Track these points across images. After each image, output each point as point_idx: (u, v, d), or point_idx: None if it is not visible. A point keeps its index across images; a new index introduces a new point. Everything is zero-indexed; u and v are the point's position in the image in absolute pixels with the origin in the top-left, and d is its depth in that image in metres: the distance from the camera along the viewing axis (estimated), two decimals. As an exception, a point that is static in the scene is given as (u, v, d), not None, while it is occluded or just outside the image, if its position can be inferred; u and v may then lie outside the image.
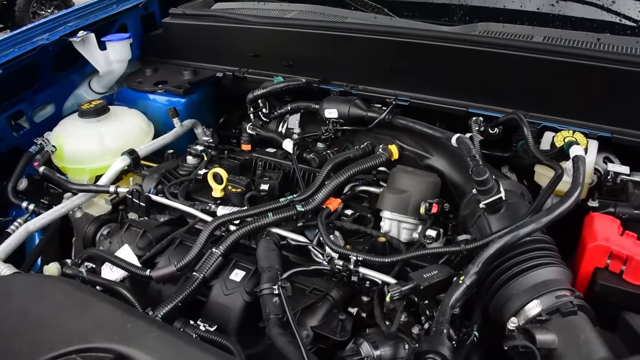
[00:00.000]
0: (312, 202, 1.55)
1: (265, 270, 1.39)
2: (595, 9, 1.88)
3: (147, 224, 1.68)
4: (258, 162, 1.92)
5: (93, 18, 2.25)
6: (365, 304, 1.42)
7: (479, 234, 1.44)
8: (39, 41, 2.07)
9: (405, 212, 1.54)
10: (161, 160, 2.09)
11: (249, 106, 1.99)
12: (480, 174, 1.36)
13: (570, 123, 1.72)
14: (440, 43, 1.80)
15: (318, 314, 1.34)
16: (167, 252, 1.56)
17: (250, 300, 1.40)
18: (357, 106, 1.79)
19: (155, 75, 2.33)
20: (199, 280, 1.42)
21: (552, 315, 1.23)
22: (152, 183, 1.87)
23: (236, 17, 2.13)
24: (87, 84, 2.38)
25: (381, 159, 1.64)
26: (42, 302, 1.20)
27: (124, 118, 2.11)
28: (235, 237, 1.49)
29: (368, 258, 1.41)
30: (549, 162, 1.52)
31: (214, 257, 1.45)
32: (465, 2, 2.01)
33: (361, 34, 1.92)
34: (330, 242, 1.46)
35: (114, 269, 1.57)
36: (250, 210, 1.55)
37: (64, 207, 1.85)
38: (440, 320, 1.20)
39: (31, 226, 1.77)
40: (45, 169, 1.92)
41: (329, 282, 1.45)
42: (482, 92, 1.80)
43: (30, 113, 2.19)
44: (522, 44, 1.74)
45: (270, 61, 2.13)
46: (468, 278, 1.27)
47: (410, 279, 1.33)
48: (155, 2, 2.47)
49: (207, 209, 1.70)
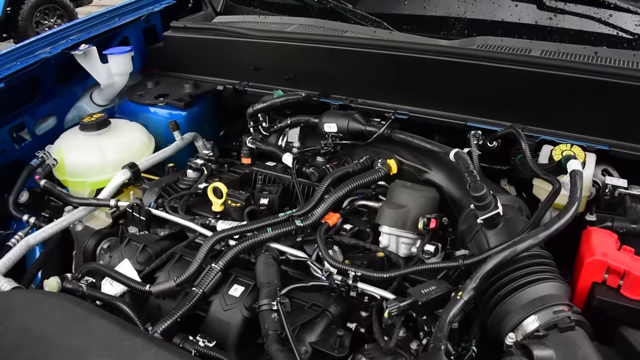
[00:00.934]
0: (311, 217, 1.56)
1: (264, 285, 1.40)
2: (592, 22, 1.88)
3: (147, 239, 1.69)
4: (258, 176, 1.92)
5: (95, 31, 2.26)
6: (364, 319, 1.43)
7: (477, 249, 1.44)
8: (41, 54, 2.09)
9: (403, 227, 1.55)
10: (162, 174, 2.11)
11: (249, 120, 2.00)
12: (477, 189, 1.36)
13: (568, 136, 1.72)
14: (438, 57, 1.81)
15: (317, 329, 1.35)
16: (166, 267, 1.57)
17: (249, 315, 1.40)
18: (356, 120, 1.80)
19: (157, 88, 2.35)
20: (199, 295, 1.42)
21: (550, 330, 1.23)
22: (153, 197, 1.88)
23: (237, 30, 2.15)
24: (88, 97, 2.40)
25: (380, 173, 1.65)
26: (42, 318, 1.21)
27: (125, 131, 2.12)
28: (234, 252, 1.50)
29: (366, 273, 1.42)
30: (546, 177, 1.52)
31: (213, 273, 1.46)
32: (464, 15, 2.02)
33: (360, 47, 1.93)
34: (328, 258, 1.47)
35: (114, 284, 1.58)
36: (249, 225, 1.56)
37: (64, 221, 1.86)
38: (438, 337, 1.20)
39: (32, 240, 1.78)
40: (46, 182, 1.93)
41: (328, 297, 1.46)
42: (481, 106, 1.81)
43: (32, 125, 2.21)
44: (521, 57, 1.75)
45: (270, 75, 2.14)
46: (466, 294, 1.27)
47: (409, 295, 1.33)
48: (157, 15, 2.49)
49: (207, 223, 1.70)
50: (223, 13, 2.55)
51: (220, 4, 2.56)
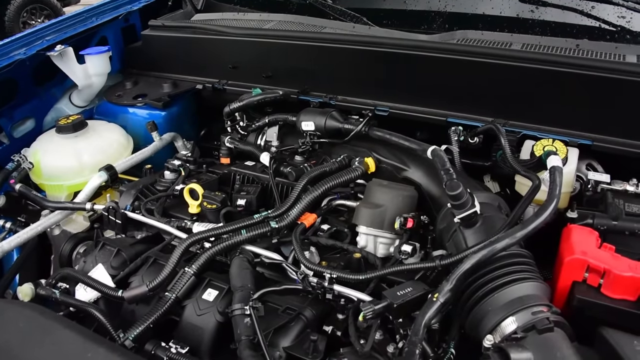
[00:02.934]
0: (287, 218, 1.53)
1: (237, 289, 1.37)
2: (574, 14, 1.85)
3: (122, 242, 1.66)
4: (236, 176, 1.89)
5: (72, 31, 2.22)
6: (340, 322, 1.40)
7: (455, 248, 1.41)
8: (15, 56, 2.05)
9: (381, 226, 1.51)
10: (141, 175, 2.07)
11: (226, 119, 1.96)
12: (453, 188, 1.33)
13: (550, 131, 1.69)
14: (418, 52, 1.78)
15: (291, 334, 1.31)
16: (140, 272, 1.54)
17: (222, 320, 1.37)
18: (334, 118, 1.76)
19: (135, 88, 2.31)
20: (171, 300, 1.39)
21: (528, 332, 1.20)
22: (129, 199, 1.84)
23: (215, 28, 2.11)
24: (67, 98, 2.36)
25: (357, 172, 1.61)
26: (6, 328, 1.18)
27: (102, 133, 2.09)
28: (208, 255, 1.46)
29: (342, 275, 1.39)
30: (526, 173, 1.49)
31: (187, 277, 1.43)
32: (444, 9, 1.99)
33: (339, 44, 1.90)
34: (304, 259, 1.44)
35: (88, 290, 1.55)
36: (223, 227, 1.53)
37: (40, 225, 1.82)
38: (413, 341, 1.18)
39: (6, 245, 1.75)
40: (22, 186, 1.90)
41: (304, 300, 1.42)
42: (461, 101, 1.78)
43: (9, 128, 2.17)
44: (501, 51, 1.71)
45: (249, 73, 2.11)
46: (442, 295, 1.24)
47: (384, 297, 1.30)
48: (136, 13, 2.45)
49: (182, 225, 1.67)
50: (203, 10, 2.50)
51: (201, 1, 2.52)
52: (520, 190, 1.69)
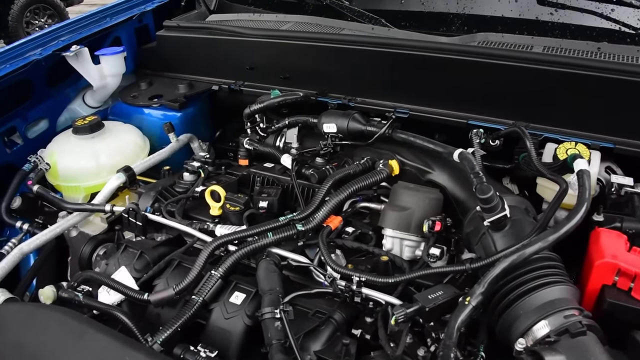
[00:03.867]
0: (313, 220, 1.52)
1: (266, 293, 1.36)
2: (594, 17, 1.85)
3: (144, 245, 1.65)
4: (256, 178, 1.88)
5: (86, 32, 2.21)
6: (368, 325, 1.39)
7: (484, 252, 1.41)
8: (31, 56, 2.04)
9: (407, 229, 1.51)
10: (158, 176, 2.06)
11: (246, 121, 1.95)
12: (484, 191, 1.33)
13: (572, 134, 1.69)
14: (439, 54, 1.77)
15: (321, 337, 1.31)
16: (165, 275, 1.53)
17: (251, 324, 1.37)
18: (356, 120, 1.76)
19: (150, 89, 2.30)
20: (199, 304, 1.38)
21: (561, 336, 1.20)
22: (149, 201, 1.83)
23: (232, 29, 2.10)
24: (81, 99, 2.35)
25: (382, 174, 1.61)
26: (38, 333, 1.17)
27: (119, 134, 2.07)
28: (234, 258, 1.46)
29: (371, 278, 1.39)
30: (553, 177, 1.49)
31: (213, 280, 1.42)
32: (463, 11, 1.99)
33: (359, 45, 1.89)
34: (332, 263, 1.43)
35: (111, 292, 1.54)
36: (249, 230, 1.52)
37: (58, 227, 1.81)
38: (447, 344, 1.17)
39: (25, 247, 1.73)
40: (39, 187, 1.88)
41: (332, 303, 1.42)
42: (483, 104, 1.78)
43: (23, 129, 2.16)
44: (522, 54, 1.71)
45: (266, 74, 2.10)
46: (474, 299, 1.24)
47: (415, 301, 1.30)
48: (149, 14, 2.44)
49: (205, 228, 1.67)
50: (216, 11, 2.49)
51: (214, 2, 2.51)
52: (542, 192, 1.69)
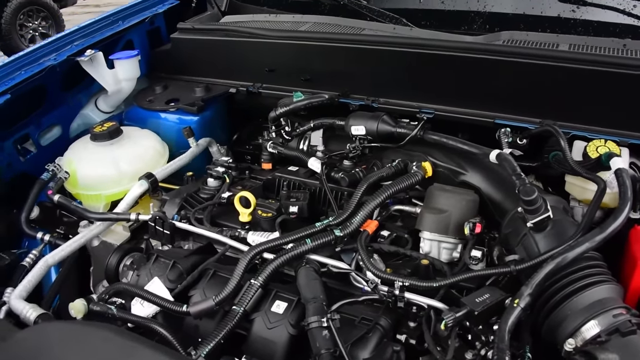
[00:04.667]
0: (350, 225, 1.50)
1: (309, 301, 1.35)
2: (616, 13, 1.85)
3: (176, 254, 1.62)
4: (282, 182, 1.86)
5: (99, 36, 2.17)
6: (412, 330, 1.39)
7: (526, 253, 1.40)
8: (46, 62, 2.00)
9: (445, 232, 1.50)
10: (178, 182, 2.03)
11: (271, 124, 1.93)
12: (529, 193, 1.32)
13: (600, 131, 1.69)
14: (465, 54, 1.76)
15: (369, 345, 1.30)
16: (200, 285, 1.51)
17: (295, 333, 1.35)
18: (386, 122, 1.74)
19: (166, 92, 2.26)
20: (240, 314, 1.36)
21: (612, 335, 1.21)
22: (174, 208, 1.80)
23: (250, 30, 2.07)
24: (93, 104, 2.30)
25: (417, 177, 1.59)
26: (84, 352, 1.14)
27: (137, 139, 2.03)
28: (273, 266, 1.43)
29: (415, 283, 1.37)
30: (590, 176, 1.49)
31: (254, 289, 1.40)
32: (484, 9, 1.98)
33: (382, 46, 1.87)
34: (374, 269, 1.42)
35: (145, 304, 1.51)
36: (287, 237, 1.50)
37: (83, 237, 1.78)
38: (501, 348, 1.18)
39: (50, 260, 1.70)
40: (61, 197, 1.84)
41: (373, 309, 1.41)
42: (509, 102, 1.77)
43: (37, 136, 2.11)
44: (550, 52, 1.71)
45: (286, 76, 2.07)
46: (522, 301, 1.24)
47: (463, 304, 1.29)
48: (160, 16, 2.40)
49: (236, 235, 1.64)
50: (228, 12, 2.46)
51: (225, 2, 2.47)
52: (570, 190, 1.69)
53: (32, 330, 1.29)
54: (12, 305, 1.50)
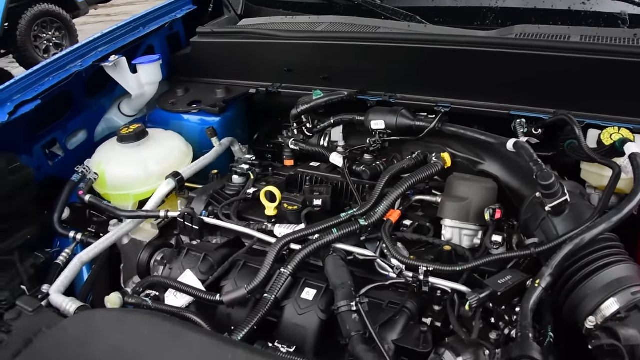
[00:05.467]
0: (374, 215, 1.56)
1: (338, 287, 1.40)
2: (626, 4, 1.89)
3: (206, 248, 1.68)
4: (305, 177, 1.92)
5: (122, 41, 2.24)
6: (437, 313, 1.44)
7: (544, 236, 1.45)
8: (73, 68, 2.07)
9: (466, 219, 1.55)
10: (201, 181, 2.09)
11: (292, 122, 1.99)
12: (546, 178, 1.37)
13: (612, 119, 1.73)
14: (480, 48, 1.81)
15: (397, 327, 1.35)
16: (231, 275, 1.57)
17: (325, 318, 1.41)
18: (404, 116, 1.80)
19: (187, 95, 2.33)
20: (272, 301, 1.42)
21: (631, 311, 1.25)
22: (202, 205, 1.87)
23: (268, 32, 2.13)
24: (116, 108, 2.38)
25: (437, 167, 1.65)
26: (132, 337, 1.20)
27: (163, 141, 2.10)
28: (302, 255, 1.49)
29: (439, 268, 1.43)
30: (605, 161, 1.53)
31: (284, 277, 1.46)
32: (496, 5, 2.03)
33: (399, 43, 1.93)
34: (398, 255, 1.48)
35: (179, 296, 1.57)
36: (314, 227, 1.56)
37: (114, 235, 1.84)
38: (524, 325, 1.22)
39: (84, 256, 1.77)
40: (91, 197, 1.91)
41: (399, 294, 1.46)
42: (524, 94, 1.82)
43: (64, 140, 2.19)
44: (562, 44, 1.75)
45: (304, 75, 2.13)
46: (543, 281, 1.29)
47: (486, 286, 1.34)
48: (179, 21, 2.47)
49: (263, 228, 1.70)
50: (244, 15, 2.52)
51: (241, 6, 2.54)
52: (586, 177, 1.74)
53: (77, 317, 1.35)
54: (52, 299, 1.56)
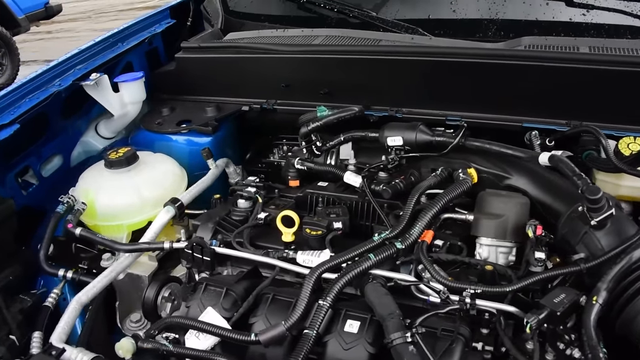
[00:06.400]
0: (410, 237, 1.48)
1: (386, 317, 1.31)
2: (624, 16, 1.92)
3: (225, 281, 1.54)
4: (318, 199, 1.81)
5: (101, 58, 2.06)
6: (486, 337, 1.37)
7: (587, 250, 1.42)
8: (51, 88, 1.88)
9: (504, 236, 1.50)
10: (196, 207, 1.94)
11: (301, 140, 1.88)
12: (594, 192, 1.34)
13: (626, 129, 1.74)
14: (492, 60, 1.79)
15: (455, 356, 1.27)
16: (260, 311, 1.44)
17: (374, 352, 1.31)
18: (424, 132, 1.73)
19: (174, 114, 2.17)
20: (314, 337, 1.31)
21: (688, 325, 1.24)
22: (209, 233, 1.72)
23: (264, 47, 2.02)
24: (93, 130, 2.19)
25: (467, 184, 1.58)
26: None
27: (155, 164, 1.94)
28: (341, 285, 1.39)
29: (487, 289, 1.37)
30: (635, 172, 1.53)
31: (324, 310, 1.34)
32: (496, 17, 2.01)
33: (406, 55, 1.87)
34: (441, 278, 1.40)
35: (201, 337, 1.42)
36: (348, 253, 1.46)
37: (113, 271, 1.67)
38: (593, 345, 1.21)
39: (83, 297, 1.60)
40: (83, 229, 1.73)
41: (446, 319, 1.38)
42: (536, 106, 1.80)
43: (38, 167, 1.98)
44: (576, 55, 1.76)
45: (302, 90, 2.03)
46: (600, 297, 1.26)
47: (542, 306, 1.29)
48: (158, 36, 2.31)
49: (284, 256, 1.58)
50: (224, 30, 2.39)
51: (220, 19, 2.41)
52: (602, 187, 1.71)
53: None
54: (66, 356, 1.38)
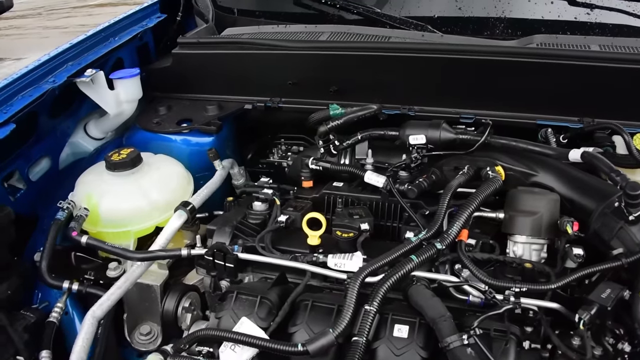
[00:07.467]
0: (448, 236, 1.44)
1: (438, 320, 1.27)
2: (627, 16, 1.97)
3: (257, 289, 1.45)
4: (337, 199, 1.75)
5: (93, 54, 1.92)
6: (532, 335, 1.36)
7: (623, 245, 1.43)
8: (45, 85, 1.73)
9: (539, 234, 1.49)
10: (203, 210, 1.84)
11: (319, 140, 1.81)
12: (634, 188, 1.35)
13: (637, 125, 1.78)
14: (507, 58, 1.78)
15: (510, 355, 1.25)
16: (300, 319, 1.37)
17: (426, 356, 1.27)
18: (447, 130, 1.70)
19: (172, 113, 2.04)
20: (363, 344, 1.25)
21: None
22: (227, 238, 1.63)
23: (270, 43, 1.94)
24: (82, 130, 2.04)
25: (498, 182, 1.56)
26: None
27: (159, 166, 1.81)
28: (385, 289, 1.33)
29: (532, 287, 1.35)
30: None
31: (371, 316, 1.29)
32: (503, 15, 2.02)
33: (418, 53, 1.84)
34: (484, 277, 1.38)
35: (237, 350, 1.34)
36: (390, 256, 1.40)
37: (126, 281, 1.55)
38: None
39: (98, 311, 1.49)
40: (90, 238, 1.59)
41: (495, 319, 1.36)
42: (549, 103, 1.82)
43: (26, 170, 1.82)
44: (590, 54, 1.77)
45: (310, 88, 1.96)
46: None
47: (591, 302, 1.29)
48: (149, 31, 2.17)
49: (314, 260, 1.51)
50: (215, 25, 2.29)
51: (211, 15, 2.30)
52: (614, 182, 1.77)
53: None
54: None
